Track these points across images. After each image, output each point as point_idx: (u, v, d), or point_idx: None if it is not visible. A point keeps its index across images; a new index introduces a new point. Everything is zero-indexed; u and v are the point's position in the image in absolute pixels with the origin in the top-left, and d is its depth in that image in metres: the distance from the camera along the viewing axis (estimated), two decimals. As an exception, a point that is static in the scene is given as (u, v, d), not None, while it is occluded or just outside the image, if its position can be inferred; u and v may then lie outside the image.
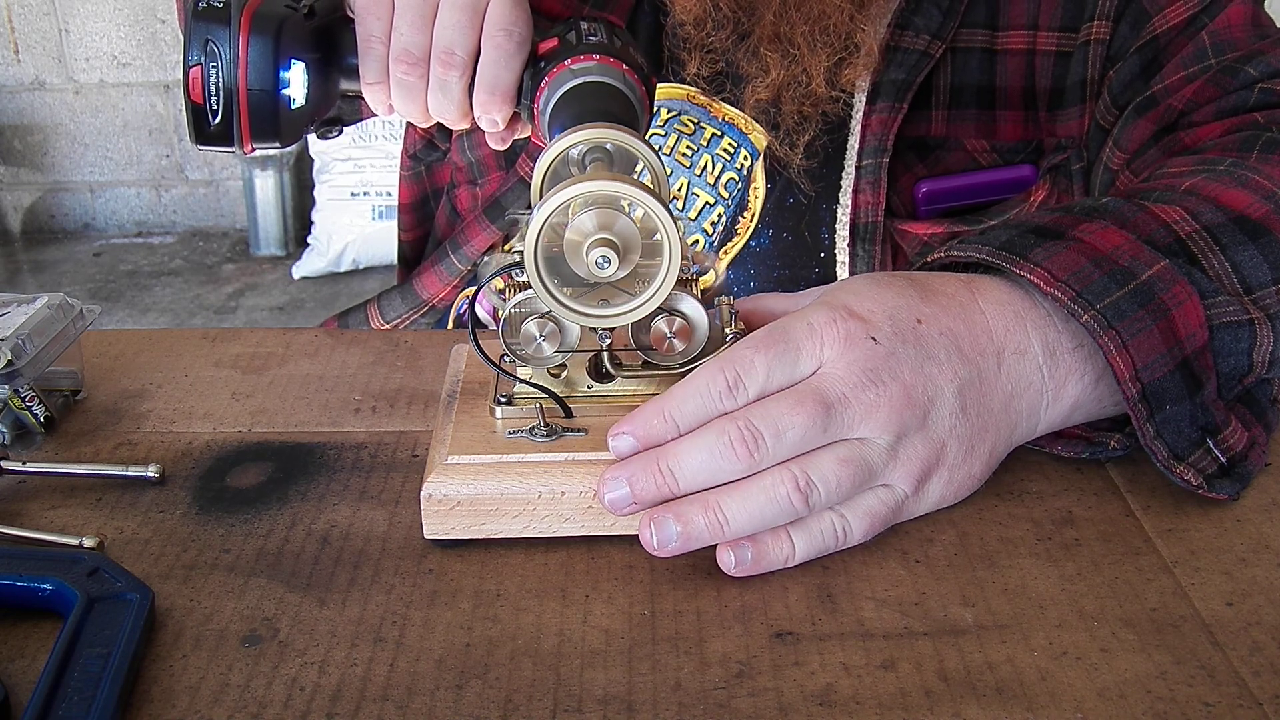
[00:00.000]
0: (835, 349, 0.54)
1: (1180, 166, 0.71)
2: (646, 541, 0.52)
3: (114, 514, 0.58)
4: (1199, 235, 0.60)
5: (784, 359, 0.54)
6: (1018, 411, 0.58)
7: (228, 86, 0.60)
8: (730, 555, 0.52)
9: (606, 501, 0.53)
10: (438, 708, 0.46)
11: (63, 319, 0.65)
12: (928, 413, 0.54)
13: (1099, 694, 0.46)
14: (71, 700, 0.44)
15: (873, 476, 0.54)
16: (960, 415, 0.55)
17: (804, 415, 0.52)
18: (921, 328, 0.56)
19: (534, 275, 0.55)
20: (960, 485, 0.57)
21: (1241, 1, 0.80)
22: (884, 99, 0.82)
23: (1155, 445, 0.56)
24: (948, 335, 0.56)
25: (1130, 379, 0.55)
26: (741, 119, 0.86)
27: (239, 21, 0.59)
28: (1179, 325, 0.56)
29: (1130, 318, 0.56)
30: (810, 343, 0.54)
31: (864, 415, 0.53)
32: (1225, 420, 0.58)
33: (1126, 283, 0.57)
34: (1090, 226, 0.59)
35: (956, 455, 0.56)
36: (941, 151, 0.85)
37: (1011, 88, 0.84)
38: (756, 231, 0.88)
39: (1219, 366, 0.58)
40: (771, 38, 0.81)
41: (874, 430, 0.53)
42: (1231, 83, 0.77)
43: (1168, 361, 0.56)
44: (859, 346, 0.54)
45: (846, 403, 0.53)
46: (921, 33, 0.82)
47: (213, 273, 3.35)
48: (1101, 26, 0.81)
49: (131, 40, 3.37)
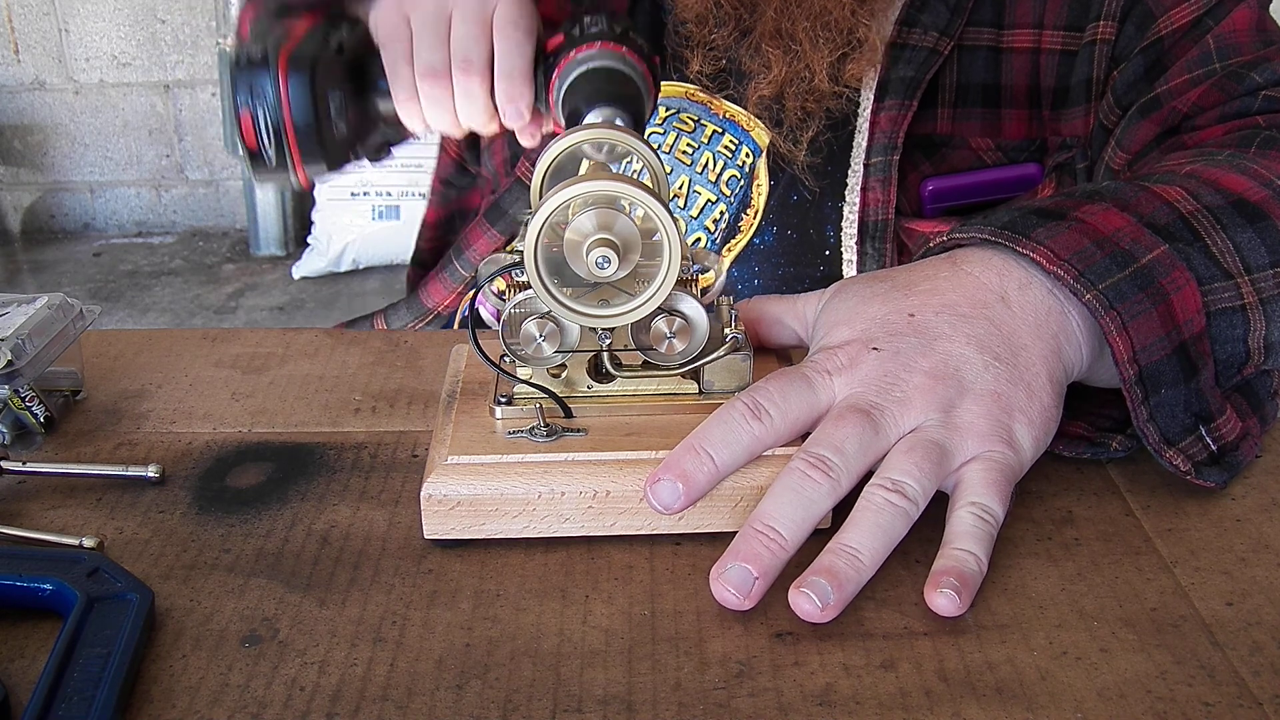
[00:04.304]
0: (844, 376, 0.55)
1: (1180, 158, 0.72)
2: (808, 613, 0.49)
3: (114, 514, 0.58)
4: (1201, 214, 0.61)
5: (797, 385, 0.55)
6: (1051, 334, 0.57)
7: (275, 123, 0.66)
8: (939, 600, 0.50)
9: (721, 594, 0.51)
10: (438, 708, 0.46)
11: (63, 319, 0.65)
12: (961, 379, 0.55)
13: (1099, 694, 0.46)
14: (71, 700, 0.44)
15: (949, 454, 0.53)
16: (995, 364, 0.55)
17: (850, 425, 0.53)
18: (916, 319, 0.56)
19: (534, 275, 0.55)
20: (1043, 422, 0.56)
21: (1247, 6, 0.80)
22: (893, 96, 0.83)
23: (1147, 428, 0.57)
24: (944, 311, 0.57)
25: (1129, 360, 0.56)
26: (743, 116, 0.86)
27: (276, 65, 0.66)
28: (1177, 310, 0.57)
29: (1131, 300, 0.56)
30: (820, 378, 0.55)
31: (901, 410, 0.54)
32: (1220, 408, 0.58)
33: (1127, 265, 0.57)
34: (1091, 208, 0.60)
35: (1017, 398, 0.55)
36: (947, 150, 0.85)
37: (1017, 86, 0.84)
38: (760, 229, 0.88)
39: (1216, 353, 0.58)
40: (773, 34, 0.81)
41: (920, 416, 0.54)
42: (1236, 88, 0.77)
43: (1166, 345, 0.56)
44: (865, 363, 0.55)
45: (881, 408, 0.54)
46: (929, 30, 0.82)
47: (213, 273, 3.36)
48: (1107, 26, 0.82)
49: (131, 40, 3.37)
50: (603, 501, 0.54)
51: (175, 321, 3.07)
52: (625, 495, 0.54)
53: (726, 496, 0.54)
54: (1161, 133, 0.80)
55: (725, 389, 0.59)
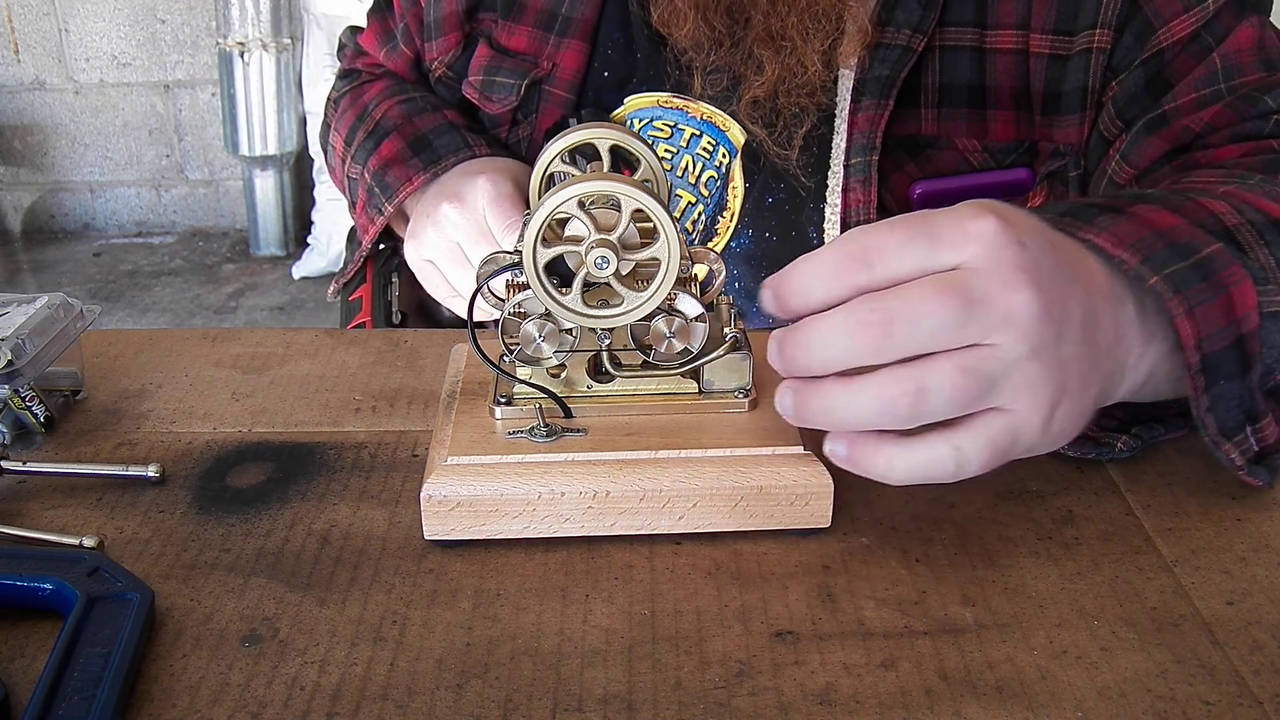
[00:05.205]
0: (983, 247, 0.49)
1: (1210, 176, 0.72)
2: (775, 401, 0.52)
3: (114, 514, 0.58)
4: (1245, 228, 0.61)
5: (919, 242, 0.50)
6: (1117, 360, 0.55)
7: None
8: (828, 446, 0.52)
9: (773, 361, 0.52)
10: (438, 707, 0.46)
11: (63, 319, 0.65)
12: (1060, 333, 0.50)
13: (1099, 693, 0.46)
14: (71, 700, 0.44)
15: (991, 393, 0.50)
16: (1083, 344, 0.52)
17: (944, 306, 0.48)
18: (1057, 250, 0.52)
19: (533, 276, 0.55)
20: (1076, 420, 0.53)
21: (1249, 24, 0.80)
22: (869, 96, 0.83)
23: (1207, 418, 0.56)
24: (1073, 265, 0.53)
25: (1194, 346, 0.55)
26: (719, 116, 0.86)
27: None
28: (1237, 304, 0.56)
29: (1195, 287, 0.55)
30: (954, 235, 0.50)
31: (1005, 318, 0.49)
32: (1265, 410, 0.58)
33: (1189, 256, 0.56)
34: (1144, 207, 0.59)
35: (1077, 385, 0.52)
36: (933, 150, 0.85)
37: (1002, 87, 0.84)
38: (736, 232, 0.88)
39: (1263, 356, 0.58)
40: (764, 37, 0.81)
41: (1011, 337, 0.49)
42: (1249, 110, 0.78)
43: (1227, 336, 0.56)
44: (1010, 247, 0.50)
45: (990, 301, 0.49)
46: (903, 28, 0.82)
47: (213, 273, 3.36)
48: (1103, 35, 0.81)
49: (131, 40, 3.37)
50: (603, 501, 0.54)
51: (175, 321, 3.07)
52: (625, 495, 0.54)
53: (726, 496, 0.54)
54: (1171, 150, 0.80)
55: (725, 388, 0.59)
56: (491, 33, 0.93)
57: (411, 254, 0.86)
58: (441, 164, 0.88)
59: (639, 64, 0.88)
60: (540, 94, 0.90)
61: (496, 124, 0.93)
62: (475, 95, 0.93)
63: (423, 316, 1.04)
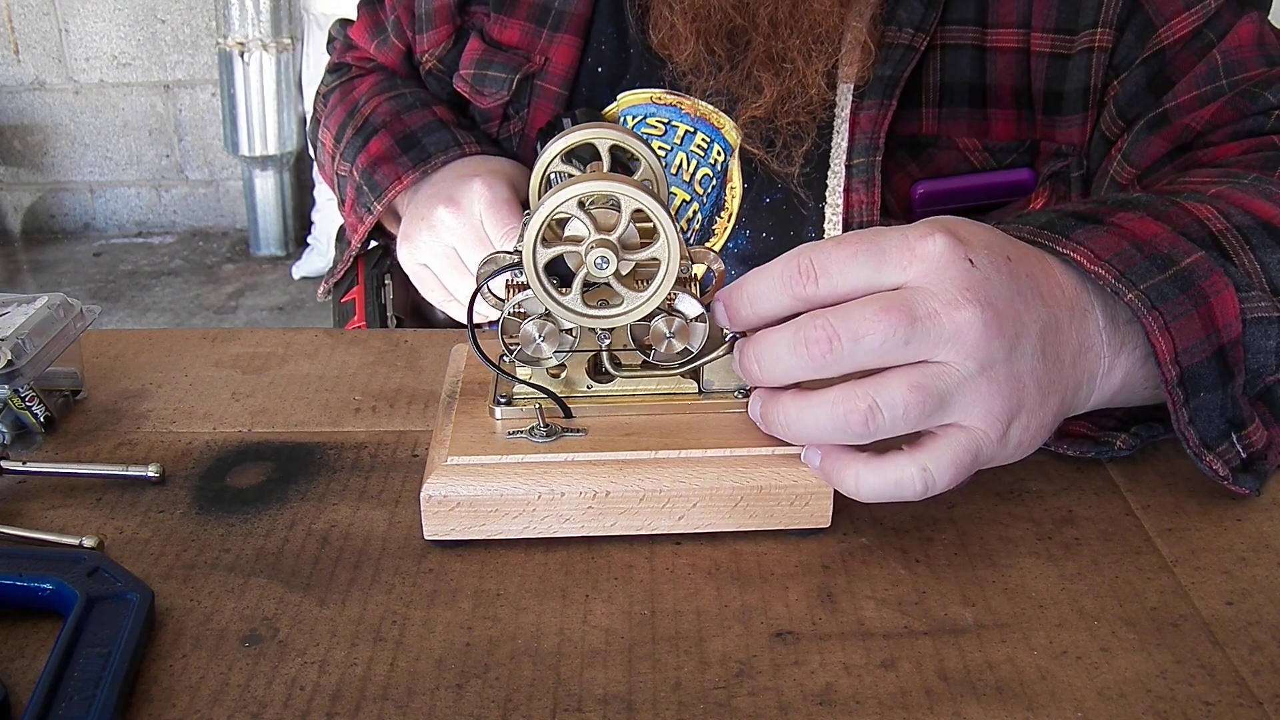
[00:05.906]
0: (928, 265, 0.50)
1: (1204, 176, 0.72)
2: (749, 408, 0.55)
3: (114, 514, 0.58)
4: (1230, 233, 0.61)
5: (866, 259, 0.51)
6: (1082, 370, 0.55)
7: None
8: (804, 454, 0.54)
9: None
10: (438, 707, 0.46)
11: (63, 319, 0.65)
12: (1013, 348, 0.51)
13: (1099, 693, 0.46)
14: (71, 700, 0.44)
15: (944, 409, 0.50)
16: (1040, 358, 0.52)
17: (887, 324, 0.49)
18: (1012, 265, 0.53)
19: (533, 276, 0.55)
20: (1035, 433, 0.54)
21: (1249, 20, 0.80)
22: (871, 96, 0.82)
23: (1188, 431, 0.56)
24: (1032, 278, 0.54)
25: (1171, 361, 0.55)
26: (714, 114, 0.86)
27: None
28: (1217, 314, 0.56)
29: (1172, 300, 0.55)
30: (900, 254, 0.51)
31: (951, 335, 0.50)
32: (1250, 416, 0.58)
33: (1167, 268, 0.56)
34: (1127, 215, 0.59)
35: (1034, 399, 0.53)
36: (934, 150, 0.85)
37: (1003, 86, 0.84)
38: (734, 232, 0.88)
39: (1248, 362, 0.58)
40: (764, 59, 0.81)
41: (958, 354, 0.50)
42: (1249, 106, 0.78)
43: (1206, 348, 0.56)
44: (956, 265, 0.50)
45: (936, 319, 0.49)
46: (905, 27, 0.82)
47: (213, 273, 3.36)
48: (1104, 34, 0.81)
49: (131, 40, 3.37)
50: (602, 502, 0.54)
51: (175, 321, 3.07)
52: (625, 495, 0.54)
53: (726, 496, 0.54)
54: (1173, 149, 0.80)
55: (725, 388, 0.59)
56: (483, 26, 0.93)
57: (405, 257, 0.86)
58: (430, 162, 0.88)
59: (632, 60, 0.88)
60: (532, 89, 0.90)
61: (487, 119, 0.93)
62: (466, 89, 0.93)
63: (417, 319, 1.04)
